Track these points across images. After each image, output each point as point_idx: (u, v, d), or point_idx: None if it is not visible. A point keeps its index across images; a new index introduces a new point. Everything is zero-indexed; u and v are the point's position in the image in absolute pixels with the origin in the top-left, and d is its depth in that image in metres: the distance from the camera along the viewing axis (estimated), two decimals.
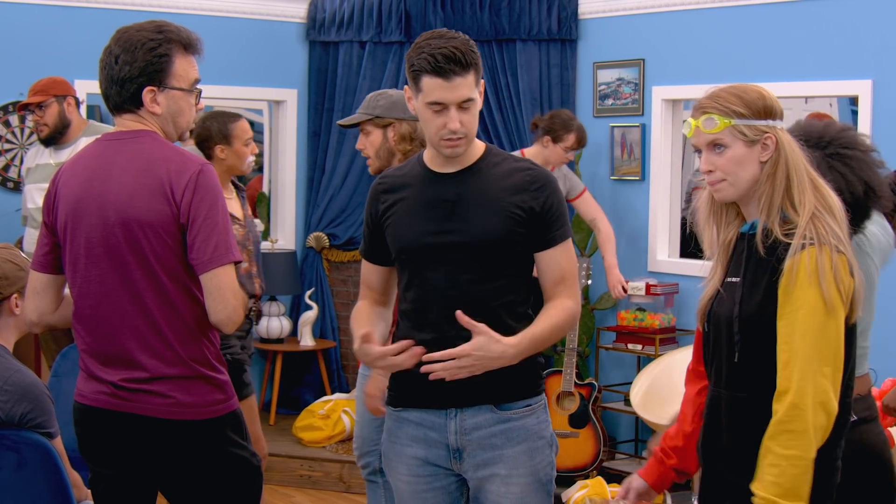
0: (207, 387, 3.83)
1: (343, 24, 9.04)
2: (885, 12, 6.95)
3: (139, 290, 3.75)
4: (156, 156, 3.76)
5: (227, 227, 3.76)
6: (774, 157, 3.37)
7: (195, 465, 3.86)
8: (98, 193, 3.77)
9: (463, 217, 3.77)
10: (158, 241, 3.72)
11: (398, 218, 3.86)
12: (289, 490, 7.84)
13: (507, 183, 3.80)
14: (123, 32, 3.83)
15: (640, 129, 8.21)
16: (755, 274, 3.35)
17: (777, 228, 3.33)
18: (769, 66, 7.47)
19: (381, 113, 5.32)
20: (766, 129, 3.37)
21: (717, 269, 3.49)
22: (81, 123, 7.07)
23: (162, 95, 3.82)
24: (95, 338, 3.85)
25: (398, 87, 8.91)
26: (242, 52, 8.80)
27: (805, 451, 3.21)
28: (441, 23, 8.83)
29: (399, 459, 3.92)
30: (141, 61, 3.77)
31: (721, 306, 3.42)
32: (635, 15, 8.23)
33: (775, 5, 7.46)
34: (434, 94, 3.68)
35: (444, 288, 3.77)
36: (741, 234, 3.47)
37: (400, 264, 3.90)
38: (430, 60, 3.66)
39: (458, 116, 3.70)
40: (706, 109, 3.40)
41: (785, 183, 3.35)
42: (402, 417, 3.91)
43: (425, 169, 3.88)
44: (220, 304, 3.73)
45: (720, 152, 3.39)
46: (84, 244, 3.80)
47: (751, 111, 3.37)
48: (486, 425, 3.80)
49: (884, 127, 6.85)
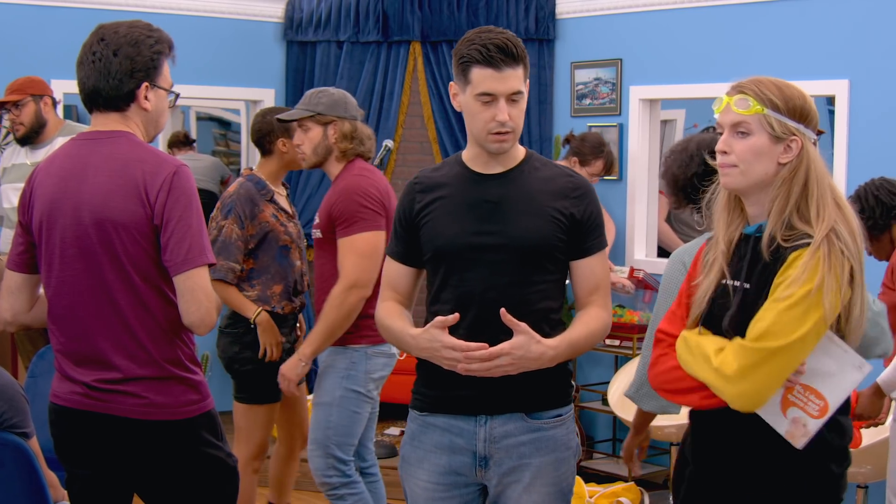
0: (181, 387, 3.82)
1: (320, 23, 9.03)
2: (861, 12, 6.97)
3: (112, 290, 3.74)
4: (131, 157, 3.75)
5: (202, 228, 3.75)
6: (795, 162, 3.26)
7: (169, 466, 3.85)
8: (73, 193, 3.76)
9: (504, 219, 3.74)
10: (132, 242, 3.71)
11: (436, 217, 3.82)
12: (266, 490, 7.82)
13: (549, 188, 3.78)
14: (115, 28, 3.81)
15: (618, 129, 8.22)
16: (760, 280, 3.25)
17: (779, 234, 3.24)
18: (746, 66, 7.47)
19: (322, 110, 5.42)
20: (795, 130, 3.27)
21: (715, 268, 3.38)
22: (58, 123, 7.05)
23: (152, 93, 3.84)
24: (69, 338, 3.84)
25: (375, 86, 8.94)
26: (220, 51, 8.79)
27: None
28: (419, 23, 8.84)
29: (420, 465, 3.88)
30: (144, 56, 3.78)
31: (723, 309, 3.32)
32: (613, 15, 8.24)
33: (753, 5, 7.48)
34: (484, 84, 3.66)
35: (482, 290, 3.73)
36: (745, 235, 3.37)
37: (434, 265, 3.84)
38: (481, 51, 3.64)
39: (507, 109, 3.68)
40: (743, 89, 3.29)
41: (801, 191, 3.25)
42: (428, 422, 3.87)
43: (466, 169, 3.84)
44: (193, 305, 3.72)
45: (742, 137, 3.28)
46: (58, 244, 3.79)
47: (787, 107, 3.26)
48: (515, 434, 3.77)
49: (860, 127, 6.88)
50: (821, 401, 3.20)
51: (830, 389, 3.21)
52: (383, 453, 7.81)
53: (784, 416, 3.21)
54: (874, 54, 6.90)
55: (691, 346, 3.30)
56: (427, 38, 8.90)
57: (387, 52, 9.01)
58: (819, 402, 3.20)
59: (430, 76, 8.95)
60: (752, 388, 3.16)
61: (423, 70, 8.97)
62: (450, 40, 8.82)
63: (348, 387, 5.44)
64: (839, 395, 3.22)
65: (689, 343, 3.32)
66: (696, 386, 3.29)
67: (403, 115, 9.04)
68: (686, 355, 3.31)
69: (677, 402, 3.43)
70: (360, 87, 8.97)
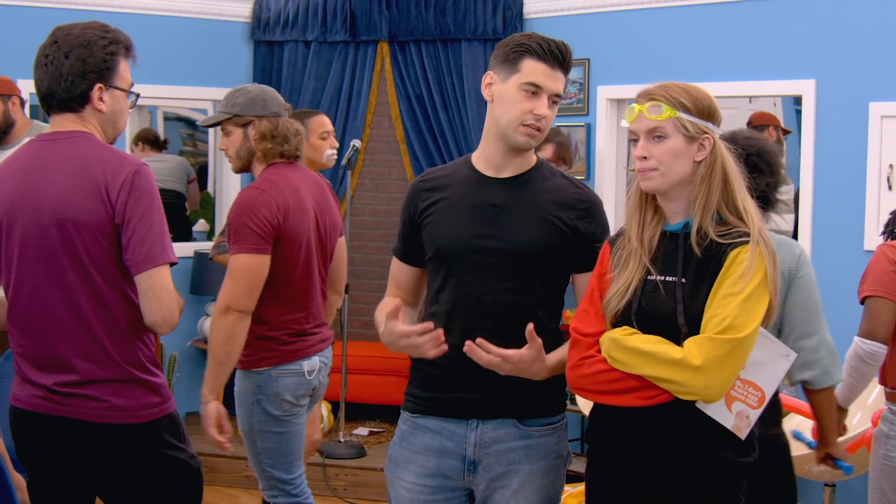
0: (142, 390, 3.81)
1: (288, 23, 9.02)
2: (828, 12, 7.00)
3: (72, 291, 3.72)
4: (91, 157, 3.73)
5: (163, 228, 3.73)
6: (710, 159, 3.41)
7: (131, 469, 3.83)
8: (33, 194, 3.74)
9: (507, 224, 3.72)
10: (93, 242, 3.69)
11: (439, 217, 3.81)
12: (234, 491, 7.81)
13: (556, 197, 3.76)
14: (68, 31, 3.80)
15: (585, 129, 8.23)
16: (697, 274, 3.37)
17: (711, 230, 3.38)
18: (714, 66, 7.51)
19: (239, 111, 5.17)
20: (706, 129, 3.40)
21: (631, 264, 3.47)
22: (26, 123, 7.01)
23: (107, 94, 3.82)
24: (28, 340, 3.82)
25: (343, 86, 8.92)
26: (187, 51, 8.76)
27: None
28: (386, 22, 8.83)
29: (407, 466, 3.85)
30: (96, 58, 3.76)
31: (658, 305, 3.40)
32: (580, 15, 8.25)
33: (720, 5, 7.50)
34: (534, 75, 3.68)
35: (479, 293, 3.72)
36: (670, 232, 3.48)
37: (435, 265, 3.83)
38: (541, 44, 3.69)
39: (548, 105, 3.70)
40: (654, 96, 3.42)
41: (722, 186, 3.40)
42: (419, 424, 3.85)
43: (474, 171, 3.83)
44: (155, 304, 3.71)
45: (659, 142, 3.41)
46: (17, 245, 3.77)
47: (696, 108, 3.40)
48: (506, 439, 3.76)
49: (827, 126, 6.91)
50: (758, 392, 3.39)
51: (765, 380, 3.40)
52: (351, 453, 7.81)
53: (730, 411, 3.36)
54: (841, 54, 6.93)
55: (629, 347, 3.37)
56: (395, 37, 8.90)
57: (354, 51, 9.00)
58: (757, 393, 3.39)
59: (397, 76, 8.94)
60: (720, 378, 3.27)
61: (391, 70, 8.96)
62: (417, 40, 8.81)
63: (261, 412, 5.20)
64: (772, 384, 3.41)
65: (625, 343, 3.38)
66: (634, 387, 3.37)
67: (371, 115, 9.03)
68: (625, 356, 3.37)
69: (608, 402, 3.45)
70: (327, 86, 8.96)
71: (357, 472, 7.65)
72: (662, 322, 3.38)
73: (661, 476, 3.44)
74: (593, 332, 3.49)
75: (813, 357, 4.31)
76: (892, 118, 6.64)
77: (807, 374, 4.31)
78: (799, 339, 4.29)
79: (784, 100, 10.53)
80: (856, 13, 6.88)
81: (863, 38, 6.84)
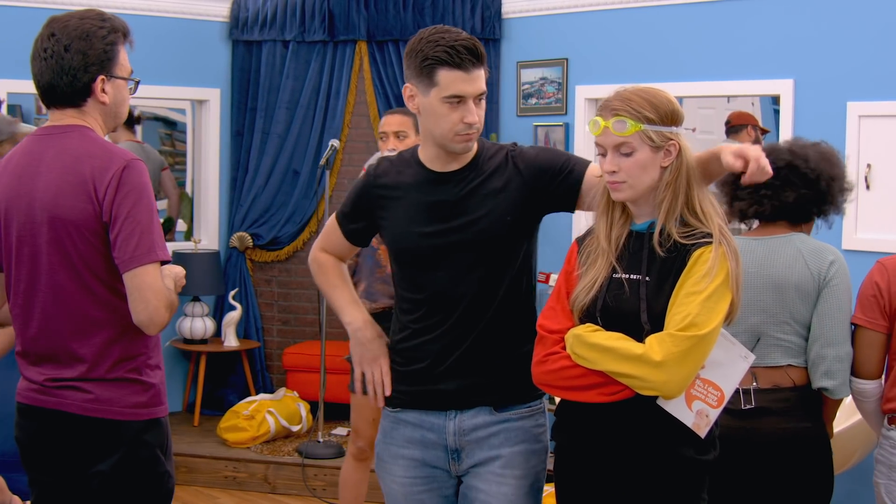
0: (130, 388, 3.74)
1: (266, 23, 9.00)
2: (806, 12, 7.01)
3: (63, 289, 3.69)
4: (81, 152, 3.68)
5: (152, 225, 3.66)
6: (676, 163, 3.44)
7: (106, 467, 3.72)
8: (27, 191, 3.71)
9: (464, 217, 3.73)
10: (83, 241, 3.65)
11: (397, 219, 3.81)
12: (213, 491, 7.79)
13: (498, 171, 3.76)
14: (65, 22, 3.74)
15: (564, 129, 8.23)
16: (661, 273, 3.41)
17: (675, 231, 3.42)
18: (692, 66, 7.53)
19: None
20: (671, 135, 3.43)
21: (599, 262, 3.51)
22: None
23: (109, 85, 3.77)
24: (24, 337, 3.80)
25: (321, 86, 8.92)
26: (165, 51, 8.73)
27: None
28: (365, 22, 8.83)
29: (394, 461, 3.89)
30: (97, 49, 3.71)
31: (622, 302, 3.44)
32: (558, 14, 8.25)
33: (698, 5, 7.51)
34: (454, 86, 3.61)
35: (452, 287, 3.73)
36: (636, 232, 3.52)
37: (398, 262, 3.86)
38: (449, 52, 3.59)
39: (475, 110, 3.65)
40: (618, 112, 3.44)
41: (686, 189, 3.44)
42: (399, 418, 3.89)
43: (424, 169, 3.81)
44: (141, 304, 3.64)
45: (627, 156, 3.44)
46: (14, 242, 3.75)
47: (659, 117, 3.43)
48: (484, 426, 3.79)
49: (805, 126, 6.91)
50: (718, 391, 3.45)
51: (724, 380, 3.46)
52: (330, 453, 7.80)
53: (690, 410, 3.41)
54: (819, 53, 6.94)
55: (592, 343, 3.41)
56: (373, 37, 8.89)
57: (333, 51, 8.98)
58: (716, 393, 3.45)
59: (376, 76, 8.94)
60: (680, 374, 3.32)
61: (370, 69, 8.95)
62: (396, 40, 8.81)
63: None
64: (731, 385, 3.47)
65: (588, 340, 3.42)
66: (596, 383, 3.41)
67: (349, 115, 9.03)
68: (587, 352, 3.42)
69: (571, 398, 3.51)
70: (305, 86, 8.95)
71: (336, 471, 7.63)
72: (626, 319, 3.42)
73: (623, 472, 3.49)
74: (559, 329, 3.53)
75: (837, 367, 4.30)
76: (869, 118, 6.65)
77: (829, 382, 4.30)
78: (824, 346, 4.30)
79: (762, 99, 10.56)
80: (834, 13, 6.89)
81: (841, 38, 6.85)
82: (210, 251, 8.92)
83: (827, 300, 4.32)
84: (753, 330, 4.33)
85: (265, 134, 9.00)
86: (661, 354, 3.28)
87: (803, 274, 4.32)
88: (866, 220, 6.49)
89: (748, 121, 9.46)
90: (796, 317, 4.32)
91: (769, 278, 4.34)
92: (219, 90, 9.12)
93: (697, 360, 3.33)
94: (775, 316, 4.33)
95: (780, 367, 4.32)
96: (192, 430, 8.50)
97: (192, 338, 8.78)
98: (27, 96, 9.36)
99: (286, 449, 8.01)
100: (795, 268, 4.33)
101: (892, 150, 6.58)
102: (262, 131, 9.00)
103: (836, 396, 4.36)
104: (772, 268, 4.35)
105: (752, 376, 4.29)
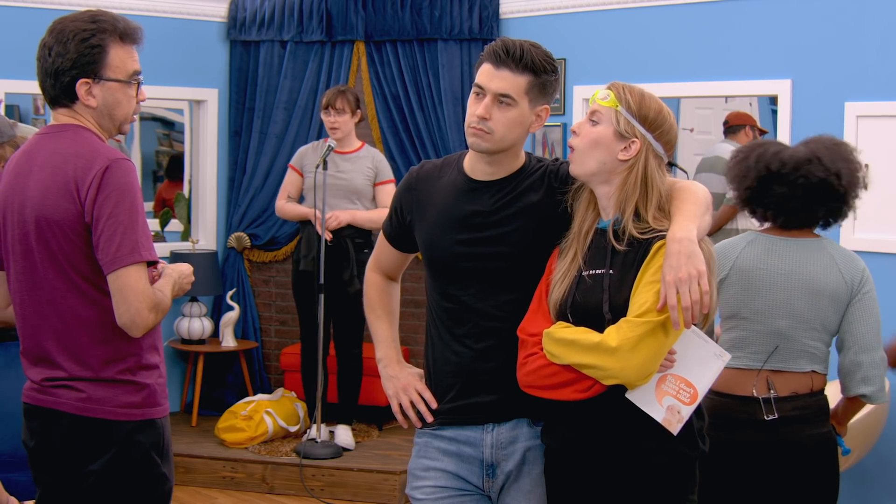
0: (123, 388, 3.73)
1: (264, 23, 9.00)
2: (803, 12, 7.02)
3: (52, 290, 3.68)
4: (69, 152, 3.67)
5: (135, 225, 3.62)
6: (632, 161, 3.49)
7: (98, 468, 3.71)
8: (20, 190, 3.72)
9: (497, 230, 3.68)
10: (67, 241, 3.64)
11: (430, 225, 3.78)
12: (211, 492, 7.79)
13: (538, 188, 3.72)
14: (58, 23, 3.74)
15: (562, 129, 8.23)
16: (623, 265, 3.45)
17: (631, 225, 3.47)
18: (690, 66, 7.53)
19: None
20: (638, 133, 3.49)
21: (570, 255, 3.55)
22: None
23: (98, 88, 3.73)
24: (23, 337, 3.80)
25: (319, 86, 8.91)
26: (163, 51, 8.72)
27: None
28: (363, 22, 8.83)
29: (426, 472, 3.81)
30: (73, 53, 3.68)
31: (588, 297, 3.47)
32: (556, 15, 8.25)
33: (696, 6, 7.51)
34: (480, 76, 3.63)
35: (482, 298, 3.70)
36: (600, 229, 3.56)
37: (431, 269, 3.82)
38: (492, 47, 3.63)
39: (490, 106, 3.60)
40: (612, 87, 3.54)
41: (641, 190, 3.49)
42: (436, 434, 3.82)
43: (464, 176, 3.77)
44: (123, 306, 3.62)
45: (592, 125, 3.54)
46: (10, 242, 3.75)
47: (638, 111, 3.50)
48: (522, 439, 3.74)
49: (803, 126, 6.91)
50: (691, 388, 3.47)
51: (698, 377, 3.48)
52: (328, 454, 7.79)
53: (660, 405, 3.44)
54: (817, 54, 6.95)
55: (558, 338, 3.44)
56: (371, 37, 8.89)
57: (331, 51, 8.98)
58: (689, 390, 3.47)
59: (373, 76, 8.93)
60: (636, 359, 3.33)
61: (367, 70, 8.94)
62: (393, 40, 8.81)
63: None
64: (706, 382, 3.50)
65: (555, 335, 3.45)
66: (570, 379, 3.44)
67: None
68: (555, 348, 3.45)
69: (550, 397, 3.51)
70: (303, 86, 8.94)
71: (334, 472, 7.63)
72: (592, 313, 3.46)
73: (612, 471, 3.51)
74: (538, 332, 3.55)
75: (873, 373, 4.33)
76: (867, 118, 6.66)
77: (867, 388, 4.33)
78: (860, 352, 4.32)
79: (760, 100, 10.56)
80: (832, 13, 6.90)
81: (838, 38, 6.86)
82: (208, 251, 8.92)
83: (860, 307, 4.35)
84: (778, 333, 4.33)
85: (263, 134, 9.00)
86: (616, 340, 3.31)
87: (838, 283, 4.33)
88: (864, 220, 6.47)
89: (746, 121, 9.45)
90: (826, 325, 4.35)
91: (803, 282, 4.34)
92: (217, 90, 9.11)
93: (655, 346, 3.33)
94: (808, 322, 4.33)
95: (805, 373, 4.33)
96: (189, 431, 8.49)
97: (189, 338, 8.78)
98: (25, 97, 9.36)
99: (284, 449, 8.00)
100: (830, 275, 4.34)
101: (891, 151, 6.58)
102: (259, 131, 9.00)
103: (876, 402, 4.39)
104: (806, 272, 4.35)
105: (767, 384, 4.30)
